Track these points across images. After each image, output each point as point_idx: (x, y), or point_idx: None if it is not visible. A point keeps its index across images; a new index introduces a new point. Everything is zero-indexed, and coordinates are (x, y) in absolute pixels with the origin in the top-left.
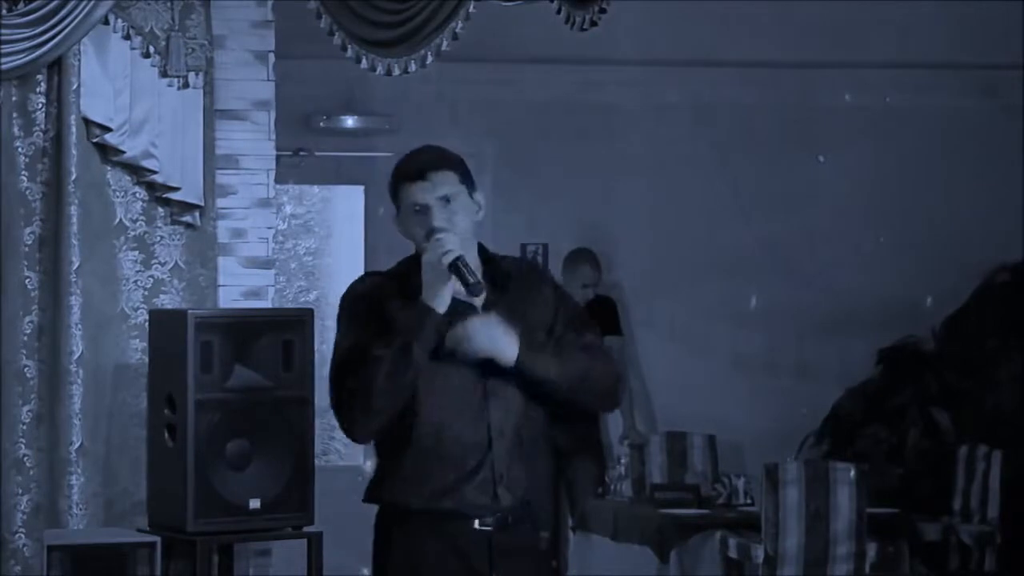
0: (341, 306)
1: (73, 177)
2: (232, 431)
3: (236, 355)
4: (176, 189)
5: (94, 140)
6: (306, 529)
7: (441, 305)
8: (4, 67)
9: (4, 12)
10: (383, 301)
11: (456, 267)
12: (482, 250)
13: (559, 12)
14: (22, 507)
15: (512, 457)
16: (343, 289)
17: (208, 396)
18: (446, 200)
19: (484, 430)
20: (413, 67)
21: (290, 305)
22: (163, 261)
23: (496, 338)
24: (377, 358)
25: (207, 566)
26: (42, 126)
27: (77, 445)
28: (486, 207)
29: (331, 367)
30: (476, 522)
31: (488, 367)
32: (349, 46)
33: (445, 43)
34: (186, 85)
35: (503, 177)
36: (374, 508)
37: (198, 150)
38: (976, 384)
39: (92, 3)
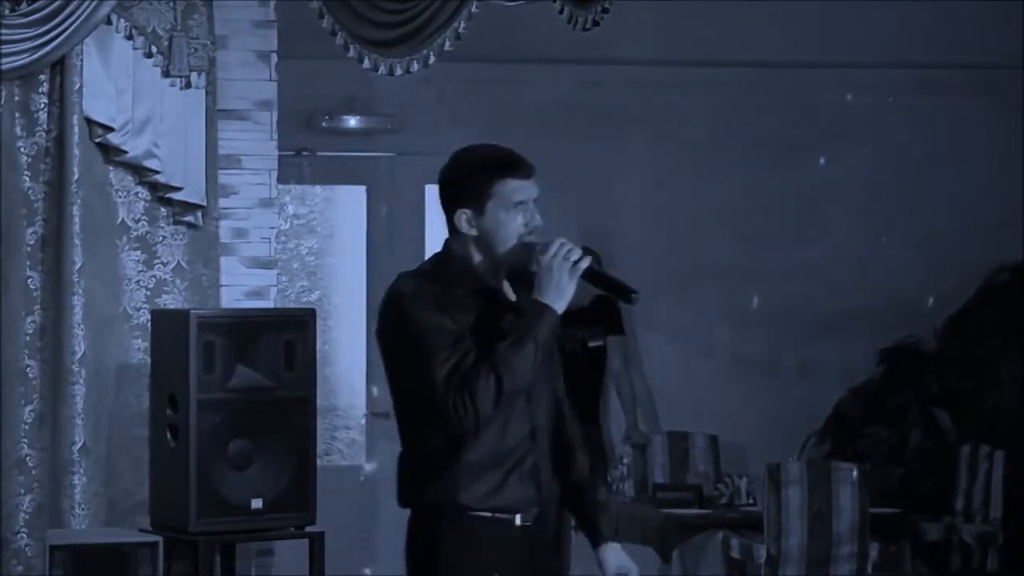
0: (403, 307)
1: (75, 177)
2: (234, 431)
3: (238, 355)
4: (178, 189)
5: (96, 140)
6: (308, 529)
7: (562, 307)
8: (6, 67)
9: (7, 12)
10: (442, 301)
11: (597, 274)
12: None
13: (561, 12)
14: (24, 507)
15: (546, 452)
16: (345, 289)
17: (210, 396)
18: (534, 203)
19: (528, 424)
20: (415, 67)
21: (292, 305)
22: (165, 261)
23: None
24: (516, 348)
25: (209, 566)
26: (44, 126)
27: (79, 445)
28: None
29: (437, 356)
30: (518, 518)
31: None
32: (351, 46)
33: (447, 43)
34: (188, 85)
35: None
36: (375, 508)
37: (200, 150)
38: (977, 384)
39: (95, 3)
